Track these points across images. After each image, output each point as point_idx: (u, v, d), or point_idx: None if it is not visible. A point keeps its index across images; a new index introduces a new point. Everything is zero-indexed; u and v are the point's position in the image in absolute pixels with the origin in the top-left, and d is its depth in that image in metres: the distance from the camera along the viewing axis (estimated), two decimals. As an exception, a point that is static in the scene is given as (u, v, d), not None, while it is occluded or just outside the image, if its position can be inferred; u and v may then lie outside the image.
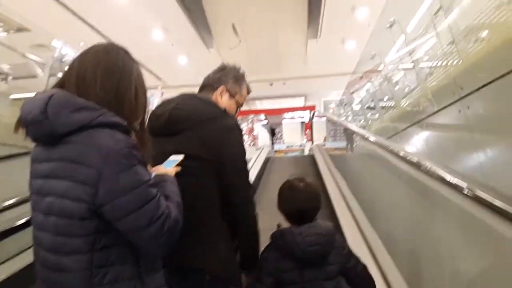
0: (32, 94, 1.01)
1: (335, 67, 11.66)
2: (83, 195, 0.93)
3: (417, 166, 1.91)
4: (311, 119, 11.24)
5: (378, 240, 2.60)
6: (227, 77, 1.63)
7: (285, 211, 1.60)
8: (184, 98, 1.52)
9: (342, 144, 7.45)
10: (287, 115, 16.17)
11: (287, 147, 14.97)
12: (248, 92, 1.75)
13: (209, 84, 1.63)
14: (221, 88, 1.60)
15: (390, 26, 4.01)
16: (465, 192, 1.39)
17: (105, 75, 1.03)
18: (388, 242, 2.47)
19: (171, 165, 1.27)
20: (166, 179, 1.16)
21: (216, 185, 1.40)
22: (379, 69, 5.27)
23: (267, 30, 9.85)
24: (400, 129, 4.57)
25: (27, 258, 1.95)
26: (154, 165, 1.24)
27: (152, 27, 9.07)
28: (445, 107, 3.25)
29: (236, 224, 1.46)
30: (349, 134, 5.84)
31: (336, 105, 12.55)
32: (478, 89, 2.43)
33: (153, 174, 1.13)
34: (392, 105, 4.97)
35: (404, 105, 4.38)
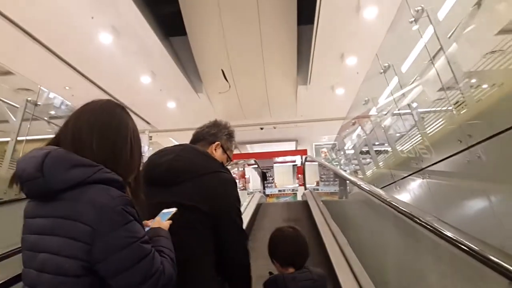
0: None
1: (325, 113, 11.65)
2: (77, 252, 0.93)
3: (419, 222, 1.75)
4: (303, 164, 11.03)
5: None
6: (222, 133, 1.77)
7: (276, 258, 1.70)
8: (184, 149, 1.59)
9: (335, 188, 7.26)
10: (278, 158, 16.05)
11: (279, 191, 14.82)
12: (235, 147, 1.88)
13: (204, 138, 1.75)
14: (216, 143, 1.73)
15: (385, 71, 3.88)
16: (465, 248, 1.31)
17: (101, 135, 1.05)
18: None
19: (164, 218, 1.26)
20: (161, 233, 1.16)
21: (212, 237, 1.44)
22: (371, 113, 5.12)
23: (257, 76, 9.87)
24: (398, 177, 4.32)
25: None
26: (149, 213, 1.26)
27: (140, 72, 9.00)
28: (450, 156, 3.03)
29: (230, 273, 1.52)
30: (342, 180, 5.66)
31: (328, 150, 12.42)
32: (491, 137, 2.21)
33: (148, 228, 1.16)
34: (388, 150, 4.76)
35: (402, 152, 4.15)
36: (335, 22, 6.93)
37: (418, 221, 1.70)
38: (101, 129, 1.06)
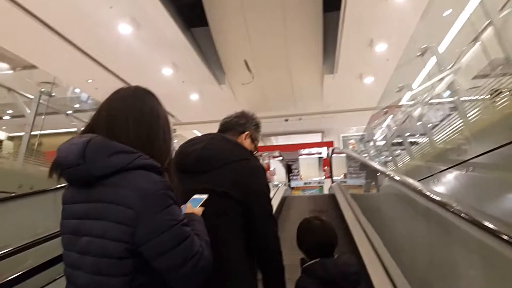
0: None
1: (353, 103, 11.17)
2: (121, 235, 0.96)
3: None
4: (330, 156, 10.64)
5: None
6: (250, 123, 1.80)
7: (304, 247, 1.74)
8: (214, 138, 1.62)
9: (362, 181, 6.91)
10: (303, 151, 15.71)
11: (305, 183, 14.55)
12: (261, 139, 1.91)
13: (233, 128, 1.77)
14: (246, 133, 1.77)
15: (422, 54, 3.49)
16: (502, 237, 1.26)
17: (135, 122, 1.08)
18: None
19: (196, 205, 1.28)
20: (195, 218, 1.17)
21: (243, 224, 1.47)
22: (406, 101, 4.72)
23: (281, 66, 9.54)
24: (436, 170, 3.94)
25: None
26: (181, 200, 1.24)
27: (162, 64, 8.90)
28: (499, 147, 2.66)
29: (262, 261, 1.53)
30: (370, 172, 5.33)
31: (356, 141, 11.96)
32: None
33: (182, 212, 1.15)
34: (425, 141, 4.36)
35: (442, 143, 3.76)
36: (363, 7, 6.52)
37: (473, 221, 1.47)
38: (135, 115, 1.08)
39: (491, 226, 1.37)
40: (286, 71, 9.85)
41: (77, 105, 9.80)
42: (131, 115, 1.08)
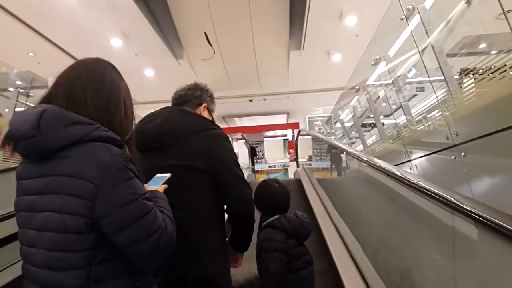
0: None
1: (320, 82, 10.70)
2: (80, 209, 0.93)
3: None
4: (295, 138, 10.20)
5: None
6: (206, 95, 1.78)
7: (263, 206, 1.98)
8: (172, 112, 1.60)
9: (328, 164, 6.75)
10: (268, 132, 15.33)
11: (269, 167, 14.26)
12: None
13: (189, 100, 1.74)
14: (203, 105, 1.75)
15: (407, 17, 2.92)
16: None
17: (94, 93, 1.05)
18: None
19: (158, 183, 1.27)
20: (158, 195, 1.16)
21: (214, 194, 1.48)
22: (382, 76, 4.20)
23: (245, 40, 8.78)
24: (416, 155, 3.46)
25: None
26: (146, 179, 1.27)
27: (110, 34, 7.90)
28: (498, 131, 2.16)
29: (236, 222, 1.61)
30: (335, 155, 5.16)
31: (322, 123, 11.54)
32: None
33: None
34: (402, 123, 3.87)
35: (423, 123, 3.26)
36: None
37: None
38: (94, 86, 1.05)
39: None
40: (250, 46, 9.10)
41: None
42: (90, 85, 1.04)
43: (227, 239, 1.65)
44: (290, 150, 13.90)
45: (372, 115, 5.35)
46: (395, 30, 3.32)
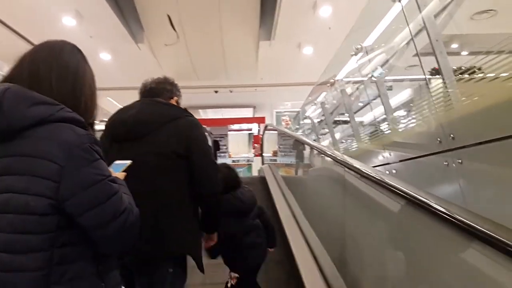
0: None
1: (289, 76, 10.34)
2: (45, 190, 0.92)
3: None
4: (262, 133, 9.83)
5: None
6: (176, 89, 1.90)
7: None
8: (145, 103, 1.73)
9: (292, 160, 6.66)
10: (233, 126, 14.85)
11: (233, 161, 13.82)
12: None
13: (161, 94, 1.81)
14: (175, 98, 1.87)
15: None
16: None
17: (59, 74, 1.04)
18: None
19: (118, 170, 1.24)
20: (119, 182, 1.11)
21: (187, 179, 1.57)
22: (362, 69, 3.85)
23: (211, 26, 8.21)
24: (397, 158, 3.13)
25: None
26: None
27: (61, 12, 7.05)
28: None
29: (205, 204, 1.68)
30: (300, 152, 5.07)
31: (290, 118, 11.23)
32: None
33: None
34: (380, 119, 3.54)
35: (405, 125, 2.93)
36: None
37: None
38: (60, 68, 1.04)
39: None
40: (217, 33, 8.54)
41: None
42: (56, 69, 1.03)
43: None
44: (255, 144, 13.58)
45: (345, 112, 5.03)
46: (381, 14, 2.96)
